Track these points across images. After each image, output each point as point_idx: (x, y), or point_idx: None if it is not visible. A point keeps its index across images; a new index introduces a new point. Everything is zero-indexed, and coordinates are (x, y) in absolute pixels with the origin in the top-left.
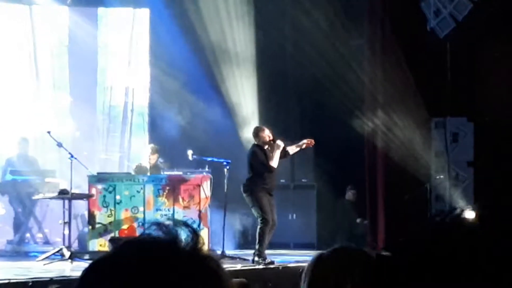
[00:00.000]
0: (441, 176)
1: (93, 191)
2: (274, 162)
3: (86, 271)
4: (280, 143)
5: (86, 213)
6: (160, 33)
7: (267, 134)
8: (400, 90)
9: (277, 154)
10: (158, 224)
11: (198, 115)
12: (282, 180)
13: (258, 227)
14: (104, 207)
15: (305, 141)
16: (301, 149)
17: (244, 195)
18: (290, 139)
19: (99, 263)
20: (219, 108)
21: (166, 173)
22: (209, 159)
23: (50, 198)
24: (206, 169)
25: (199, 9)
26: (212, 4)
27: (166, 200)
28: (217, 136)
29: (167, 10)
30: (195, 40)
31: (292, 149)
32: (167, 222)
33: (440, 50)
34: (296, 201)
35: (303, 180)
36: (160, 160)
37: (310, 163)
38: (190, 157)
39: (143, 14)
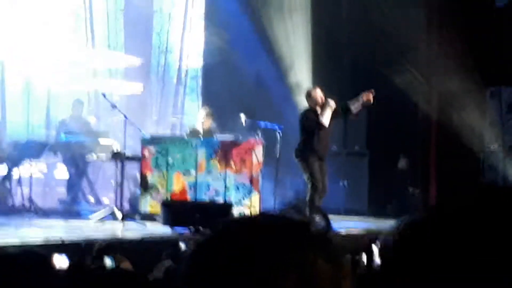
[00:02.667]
0: (495, 147)
1: (146, 153)
2: (325, 121)
3: (217, 232)
4: (331, 102)
5: (138, 175)
6: None
7: (319, 95)
8: (456, 58)
9: (328, 113)
10: (295, 207)
11: (251, 79)
12: (334, 147)
13: (308, 193)
14: (156, 169)
15: (363, 94)
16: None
17: (296, 159)
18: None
19: (226, 229)
20: (272, 72)
21: (218, 137)
22: (262, 123)
23: (103, 160)
24: (259, 134)
25: None
26: None
27: (218, 164)
28: (270, 100)
29: None
30: (251, 4)
31: (355, 107)
32: (304, 207)
33: (496, 19)
34: (348, 169)
35: (355, 147)
36: (213, 123)
37: (362, 131)
38: (243, 122)
39: None
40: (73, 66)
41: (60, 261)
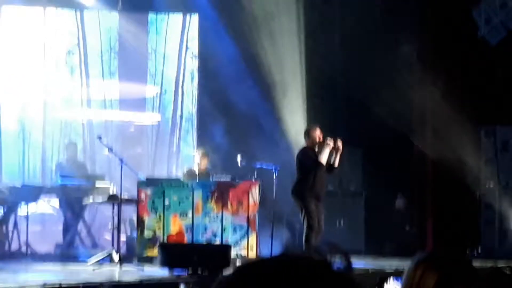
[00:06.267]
0: (491, 185)
1: (142, 195)
2: (323, 159)
3: (239, 274)
4: (329, 141)
5: (134, 217)
6: (209, 38)
7: (318, 134)
8: (449, 97)
9: (326, 152)
10: (313, 248)
11: (246, 120)
12: (330, 188)
13: (304, 233)
14: (153, 212)
15: (330, 144)
16: (343, 155)
17: (293, 198)
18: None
19: (248, 270)
20: (267, 113)
21: (215, 178)
22: (258, 164)
23: (100, 203)
24: (255, 175)
25: (249, 14)
26: (261, 11)
27: (215, 206)
28: (266, 141)
29: (216, 15)
30: (244, 45)
31: (335, 162)
32: (322, 247)
33: (490, 58)
34: (344, 208)
35: (351, 188)
36: (209, 165)
37: (358, 170)
38: (239, 163)
39: (193, 19)
40: (69, 108)
41: None
